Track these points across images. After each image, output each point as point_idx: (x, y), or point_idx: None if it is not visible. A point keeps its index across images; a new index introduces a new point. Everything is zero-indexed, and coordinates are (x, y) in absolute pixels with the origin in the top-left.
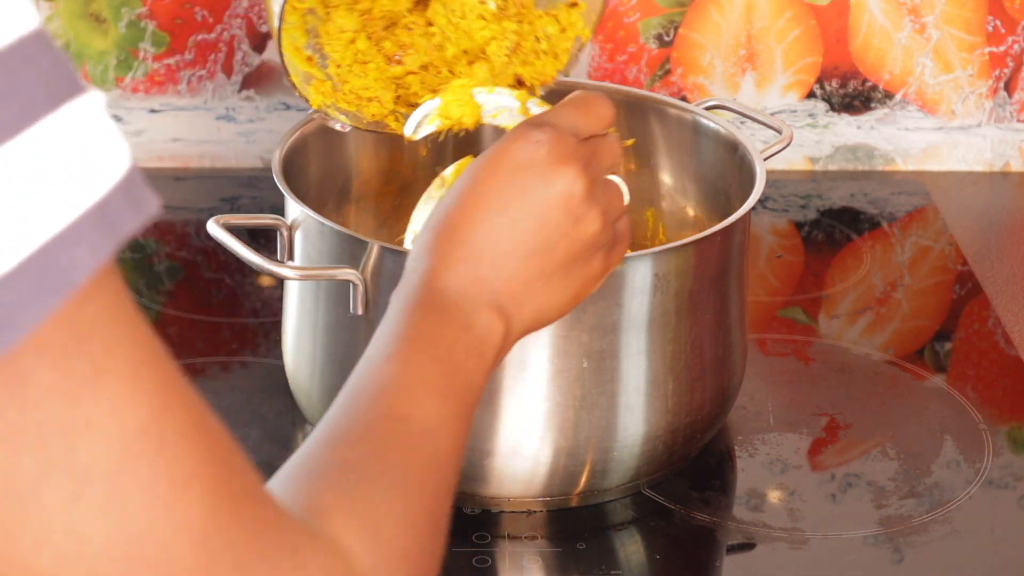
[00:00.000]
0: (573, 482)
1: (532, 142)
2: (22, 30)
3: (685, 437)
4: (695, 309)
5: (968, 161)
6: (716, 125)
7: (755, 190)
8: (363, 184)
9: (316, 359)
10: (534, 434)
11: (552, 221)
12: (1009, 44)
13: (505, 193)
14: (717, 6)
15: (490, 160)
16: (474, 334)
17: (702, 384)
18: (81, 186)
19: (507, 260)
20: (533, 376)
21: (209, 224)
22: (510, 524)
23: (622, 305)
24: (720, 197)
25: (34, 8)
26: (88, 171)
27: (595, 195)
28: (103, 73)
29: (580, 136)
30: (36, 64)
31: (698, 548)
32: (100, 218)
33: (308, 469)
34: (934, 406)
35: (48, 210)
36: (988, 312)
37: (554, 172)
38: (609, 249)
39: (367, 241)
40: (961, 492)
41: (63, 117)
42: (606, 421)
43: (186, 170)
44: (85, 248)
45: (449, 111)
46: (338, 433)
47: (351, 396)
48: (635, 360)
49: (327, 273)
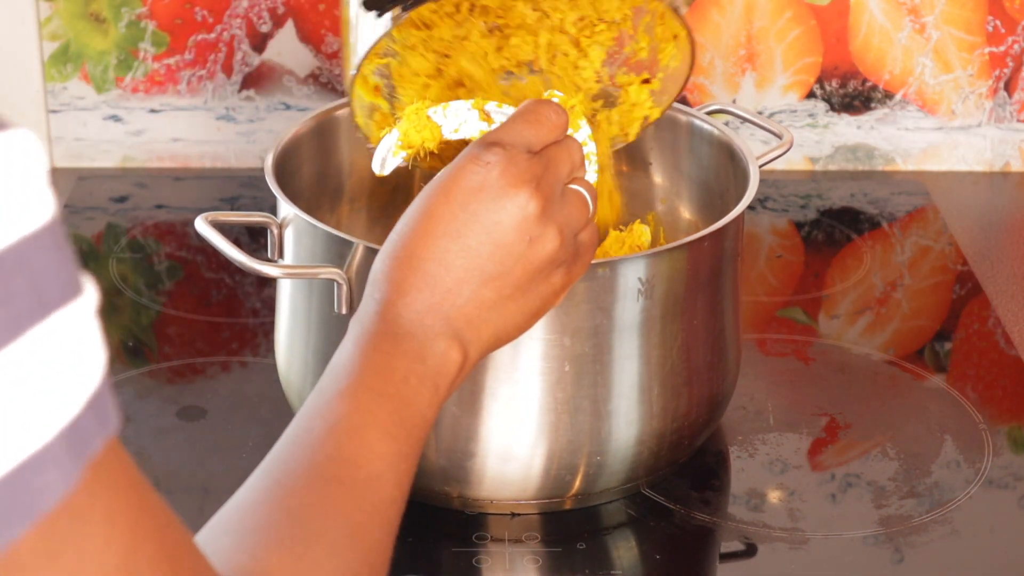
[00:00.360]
0: (566, 485)
1: (482, 164)
2: (26, 228)
3: (672, 443)
4: (683, 314)
5: (968, 161)
6: (711, 128)
7: (747, 194)
8: (357, 184)
9: (307, 359)
10: (524, 437)
11: (507, 244)
12: (1009, 44)
13: (458, 218)
14: (717, 6)
15: (443, 185)
16: (428, 365)
17: (689, 389)
18: (56, 405)
19: (462, 286)
20: (521, 378)
21: (197, 221)
22: (509, 525)
23: (606, 309)
24: (716, 200)
25: (51, 196)
26: (64, 387)
27: (551, 213)
28: (103, 73)
29: (533, 149)
30: (30, 269)
31: (698, 548)
32: (71, 438)
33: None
34: (934, 406)
35: (24, 431)
36: (988, 312)
37: (506, 195)
38: (571, 264)
39: (352, 241)
40: (961, 492)
41: (47, 329)
42: (589, 425)
43: (186, 170)
44: (56, 472)
45: (409, 139)
46: (284, 476)
47: (300, 433)
48: (619, 365)
49: (311, 272)
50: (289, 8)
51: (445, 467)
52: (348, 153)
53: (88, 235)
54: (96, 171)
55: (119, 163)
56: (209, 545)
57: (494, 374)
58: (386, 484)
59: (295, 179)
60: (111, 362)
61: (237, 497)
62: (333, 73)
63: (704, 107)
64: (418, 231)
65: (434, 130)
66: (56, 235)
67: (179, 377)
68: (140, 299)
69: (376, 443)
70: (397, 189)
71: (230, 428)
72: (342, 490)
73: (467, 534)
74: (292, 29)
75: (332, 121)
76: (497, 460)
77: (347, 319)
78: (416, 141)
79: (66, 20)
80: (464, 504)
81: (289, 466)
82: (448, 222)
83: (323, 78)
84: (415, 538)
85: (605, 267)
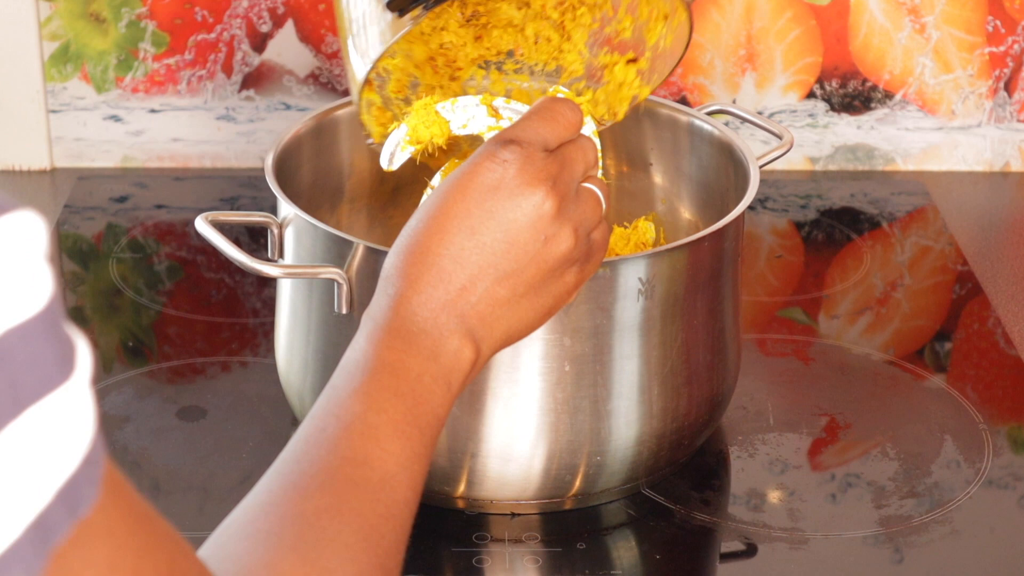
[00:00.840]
0: (566, 485)
1: (499, 162)
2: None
3: (672, 443)
4: (683, 314)
5: (968, 161)
6: (712, 128)
7: (747, 195)
8: (357, 184)
9: (307, 359)
10: (525, 437)
11: (521, 243)
12: (1009, 44)
13: (473, 215)
14: (717, 6)
15: (459, 181)
16: (441, 363)
17: (689, 389)
18: (25, 502)
19: (477, 284)
20: (522, 378)
21: (197, 221)
22: (509, 526)
23: (606, 309)
24: (716, 200)
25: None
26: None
27: (566, 212)
28: (103, 73)
29: (549, 147)
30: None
31: (698, 548)
32: (37, 534)
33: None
34: (934, 406)
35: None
36: (988, 312)
37: (522, 194)
38: (584, 262)
39: (353, 240)
40: (961, 492)
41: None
42: (589, 426)
43: (186, 170)
44: (19, 570)
45: (418, 134)
46: (298, 478)
47: (314, 432)
48: (619, 365)
49: (311, 272)
50: (289, 8)
51: (445, 467)
52: (348, 153)
53: (88, 235)
54: (96, 171)
55: (119, 163)
56: (221, 549)
57: (495, 374)
58: (400, 486)
59: (295, 179)
60: (111, 363)
61: (250, 499)
62: (333, 73)
63: (704, 107)
64: (433, 227)
65: (443, 125)
66: (48, 320)
67: (179, 377)
68: (140, 299)
69: (390, 444)
70: (398, 189)
71: (230, 428)
72: (356, 492)
73: (467, 534)
74: (292, 29)
75: (332, 121)
76: (497, 460)
77: (347, 319)
78: (424, 136)
79: (66, 20)
80: (464, 504)
81: (302, 466)
82: (463, 219)
83: (323, 78)
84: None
85: (606, 267)
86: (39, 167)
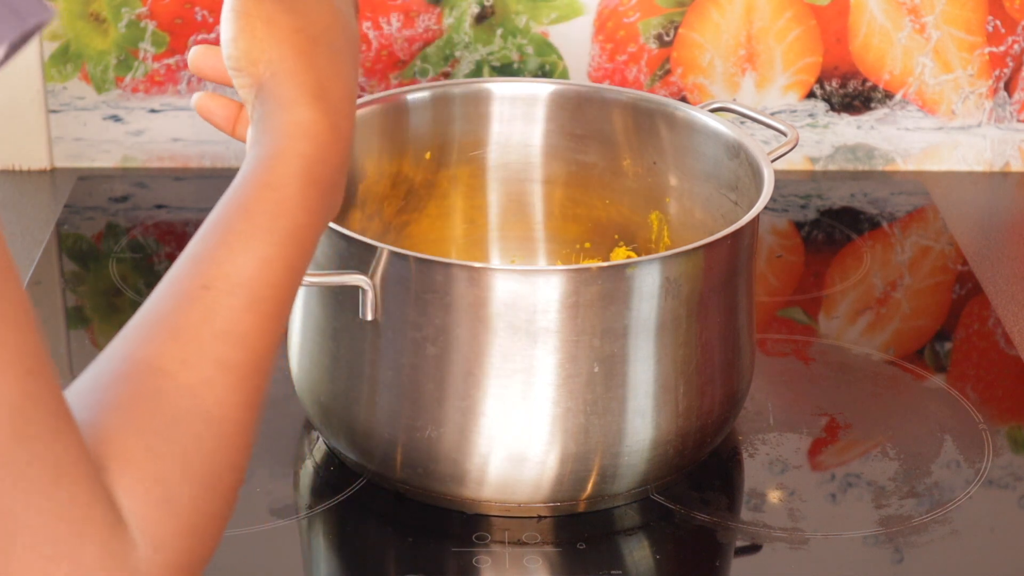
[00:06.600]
0: (580, 487)
1: None
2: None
3: (696, 441)
4: (705, 313)
5: (968, 161)
6: (722, 127)
7: (764, 193)
8: (368, 188)
9: (324, 365)
10: (541, 439)
11: None
12: (1009, 44)
13: None
14: (717, 6)
15: None
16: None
17: (712, 388)
18: None
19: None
20: (543, 381)
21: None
22: (512, 528)
23: (632, 309)
24: (726, 200)
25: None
26: None
27: None
28: (103, 73)
29: None
30: None
31: (698, 548)
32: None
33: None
34: (934, 406)
35: None
36: (988, 312)
37: None
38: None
39: (377, 246)
40: (961, 492)
41: None
42: (616, 426)
43: (186, 170)
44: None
45: None
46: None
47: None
48: (645, 364)
49: (337, 280)
50: None
51: (450, 468)
52: (359, 157)
53: (88, 235)
54: (96, 171)
55: (119, 163)
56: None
57: (518, 377)
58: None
59: None
60: None
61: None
62: None
63: (706, 105)
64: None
65: None
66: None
67: None
68: (140, 299)
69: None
70: (410, 194)
71: None
72: (210, 296)
73: (468, 534)
74: None
75: None
76: (515, 463)
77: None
78: None
79: (66, 20)
80: (467, 505)
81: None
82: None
83: None
84: (415, 538)
85: (633, 267)
86: (39, 167)
